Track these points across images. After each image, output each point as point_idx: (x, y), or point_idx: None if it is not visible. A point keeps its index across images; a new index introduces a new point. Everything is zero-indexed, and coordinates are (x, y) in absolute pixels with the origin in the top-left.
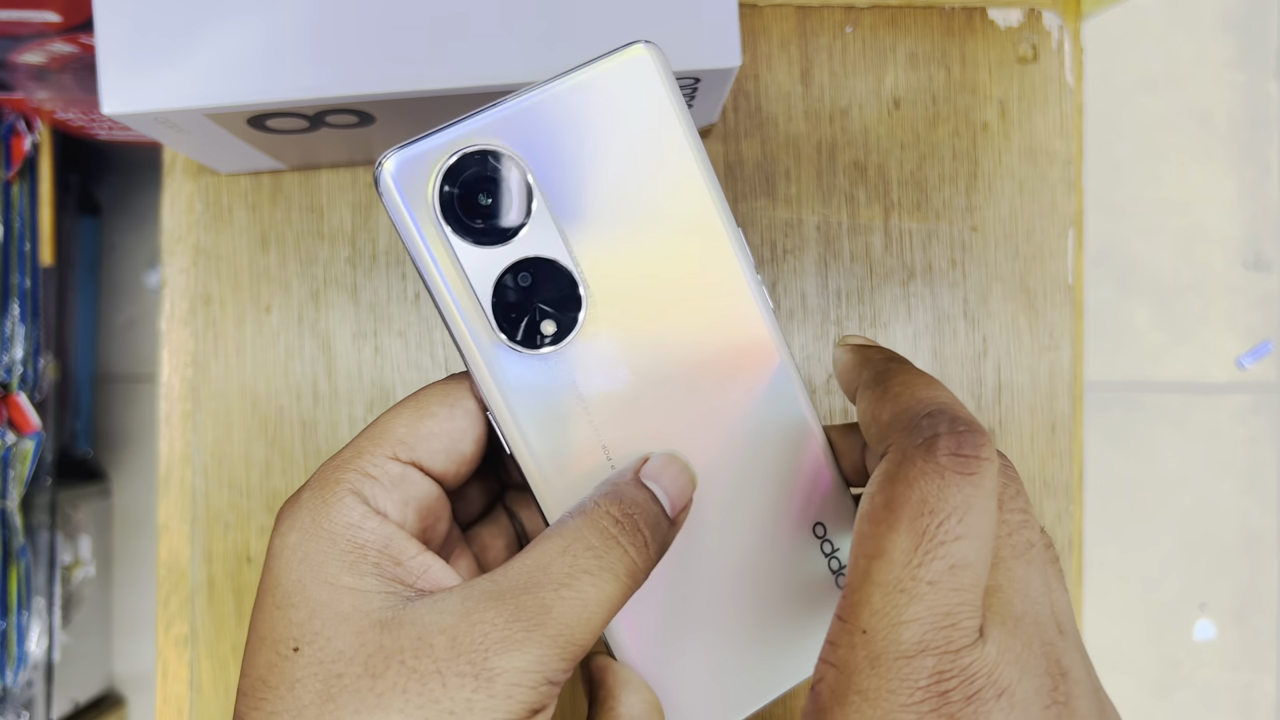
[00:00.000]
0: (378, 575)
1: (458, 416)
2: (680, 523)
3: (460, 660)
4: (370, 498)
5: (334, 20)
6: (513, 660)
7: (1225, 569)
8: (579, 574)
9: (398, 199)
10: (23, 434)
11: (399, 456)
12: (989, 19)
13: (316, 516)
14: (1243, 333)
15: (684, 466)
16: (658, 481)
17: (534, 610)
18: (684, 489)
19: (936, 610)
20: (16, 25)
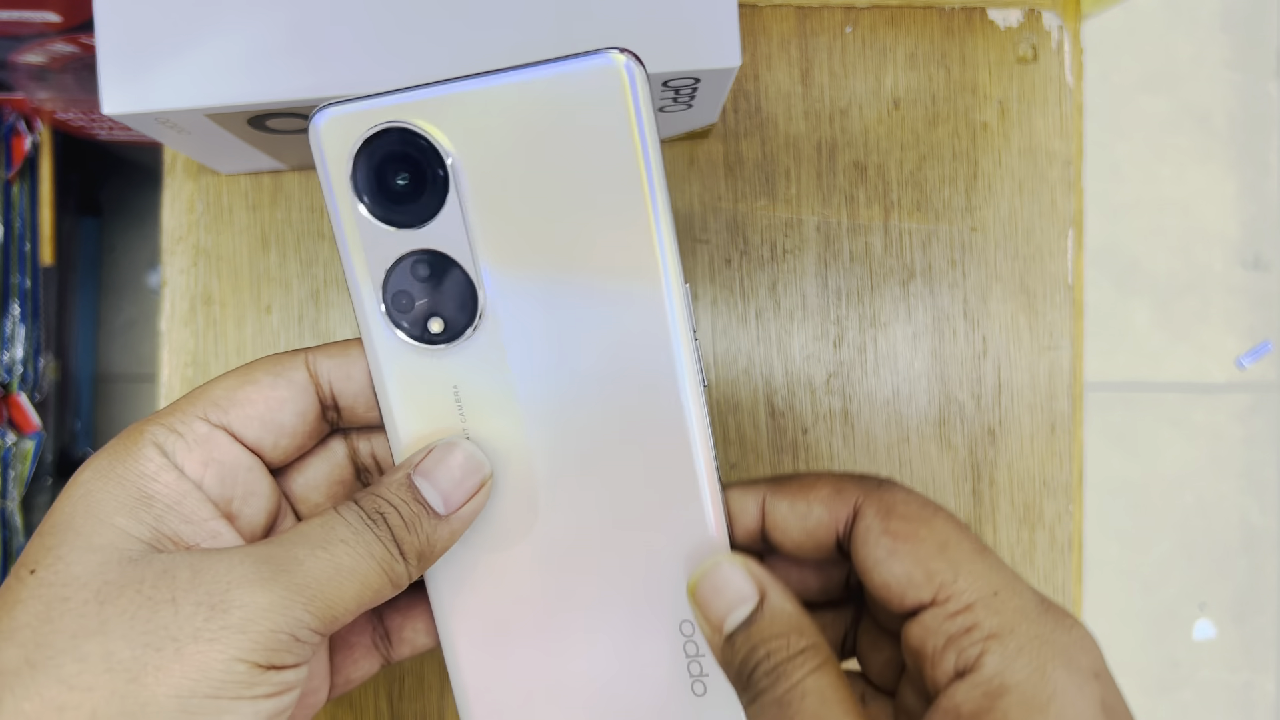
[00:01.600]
0: (155, 527)
1: (280, 386)
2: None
3: (199, 590)
4: (170, 452)
5: (334, 20)
6: (252, 596)
7: (1225, 569)
8: (334, 541)
9: (320, 154)
10: (23, 434)
11: (209, 418)
12: (989, 19)
13: (113, 462)
14: (1242, 333)
15: (465, 459)
16: (429, 477)
17: (284, 560)
18: (459, 483)
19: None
20: (16, 25)
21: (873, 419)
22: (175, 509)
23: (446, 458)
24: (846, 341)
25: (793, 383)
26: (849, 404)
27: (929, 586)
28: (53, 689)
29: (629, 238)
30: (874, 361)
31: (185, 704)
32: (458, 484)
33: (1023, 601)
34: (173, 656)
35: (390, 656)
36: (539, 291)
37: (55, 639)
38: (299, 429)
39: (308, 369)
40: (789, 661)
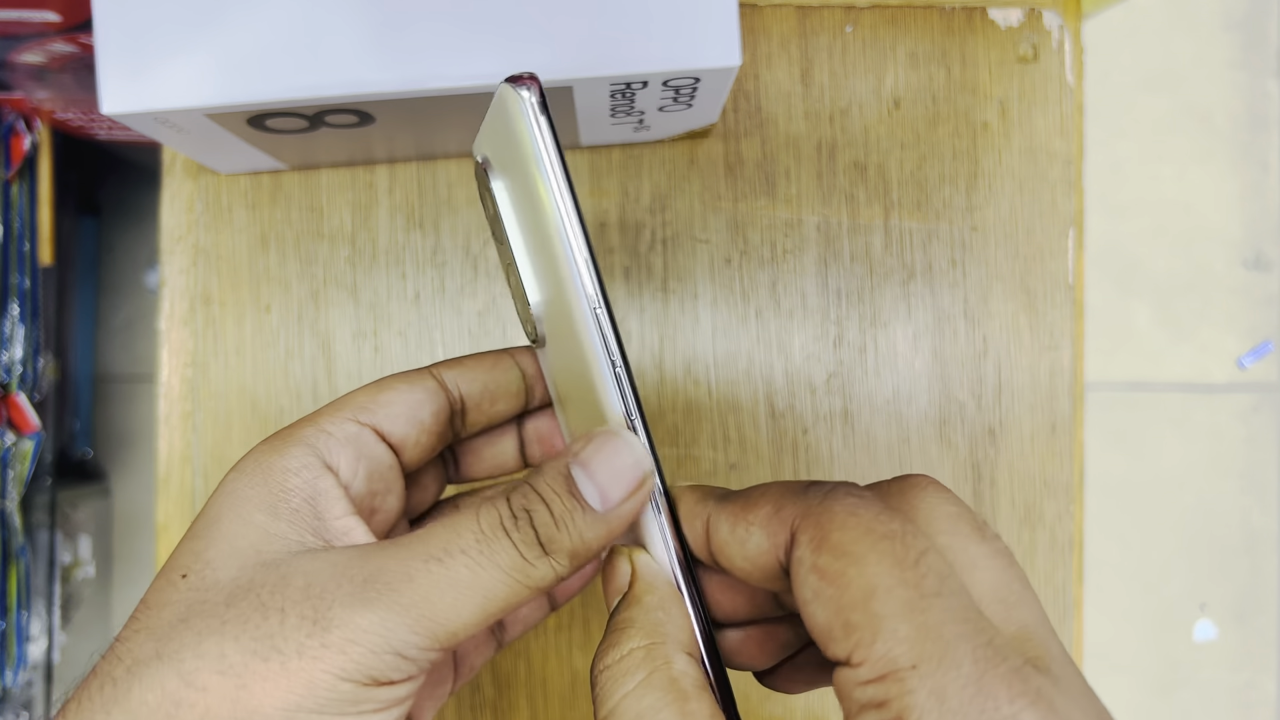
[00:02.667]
0: (293, 522)
1: (416, 390)
2: (622, 513)
3: (306, 604)
4: (324, 451)
5: (334, 20)
6: (353, 615)
7: (1225, 569)
8: (454, 553)
9: None
10: (22, 434)
11: (358, 419)
12: (989, 19)
13: (260, 461)
14: (1243, 332)
15: (623, 447)
16: (587, 468)
17: (395, 576)
18: (619, 476)
19: (963, 613)
20: (16, 25)
21: (873, 419)
22: (310, 503)
23: (605, 447)
24: (847, 341)
25: (793, 383)
26: (849, 404)
27: (845, 643)
28: (173, 683)
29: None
30: (874, 361)
31: (291, 717)
32: (617, 478)
33: (948, 679)
34: (279, 669)
35: (503, 640)
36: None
37: (185, 636)
38: (435, 428)
39: (436, 378)
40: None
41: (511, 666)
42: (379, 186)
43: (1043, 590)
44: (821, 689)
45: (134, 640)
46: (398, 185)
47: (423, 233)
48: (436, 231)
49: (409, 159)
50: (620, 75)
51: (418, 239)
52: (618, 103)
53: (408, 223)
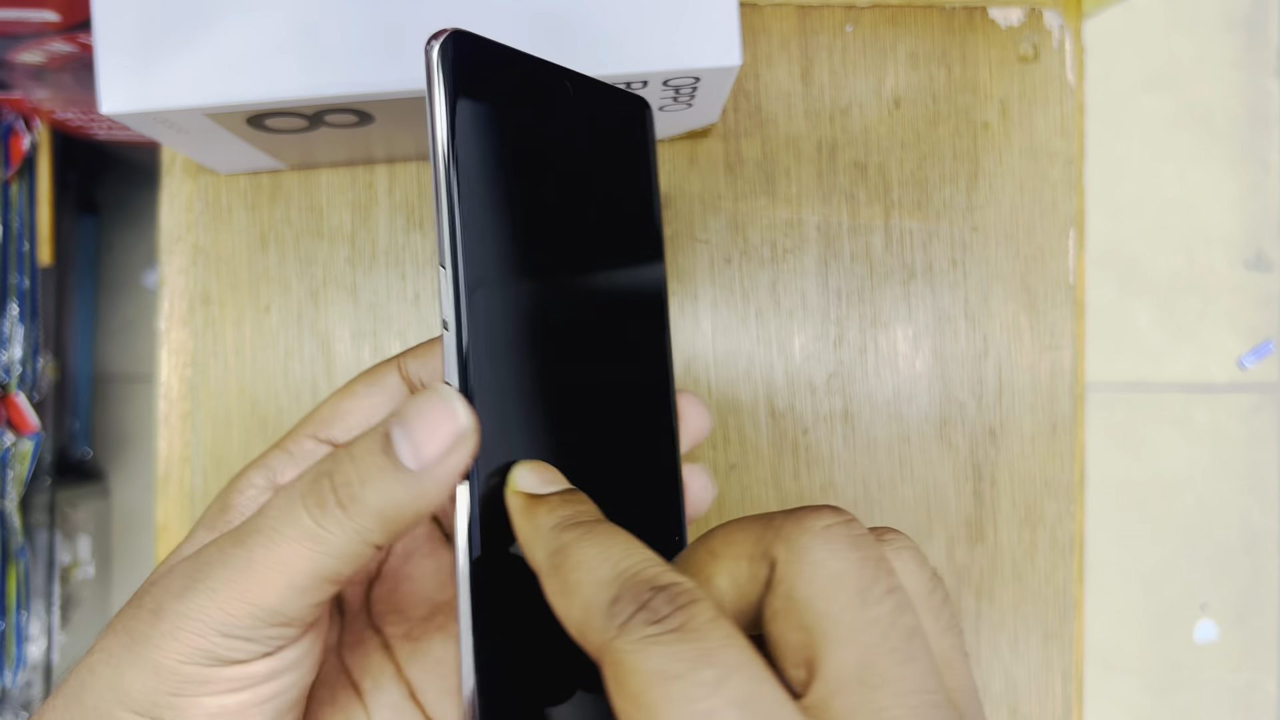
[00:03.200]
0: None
1: (375, 394)
2: (439, 475)
3: (155, 593)
4: (278, 471)
5: (333, 20)
6: (175, 603)
7: (1226, 569)
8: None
9: None
10: (21, 434)
11: (316, 435)
12: (990, 18)
13: (224, 497)
14: (1244, 332)
15: (440, 405)
16: (404, 425)
17: (209, 562)
18: (434, 434)
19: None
20: (15, 25)
21: (873, 419)
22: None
23: (424, 403)
24: (847, 341)
25: (793, 383)
26: (849, 404)
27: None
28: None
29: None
30: (874, 361)
31: (153, 698)
32: (430, 432)
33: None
34: (136, 657)
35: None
36: None
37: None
38: None
39: (399, 372)
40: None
41: None
42: (379, 186)
43: (1043, 590)
44: None
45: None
46: (398, 185)
47: (423, 233)
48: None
49: (409, 159)
50: (620, 75)
51: (418, 239)
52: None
53: (408, 223)
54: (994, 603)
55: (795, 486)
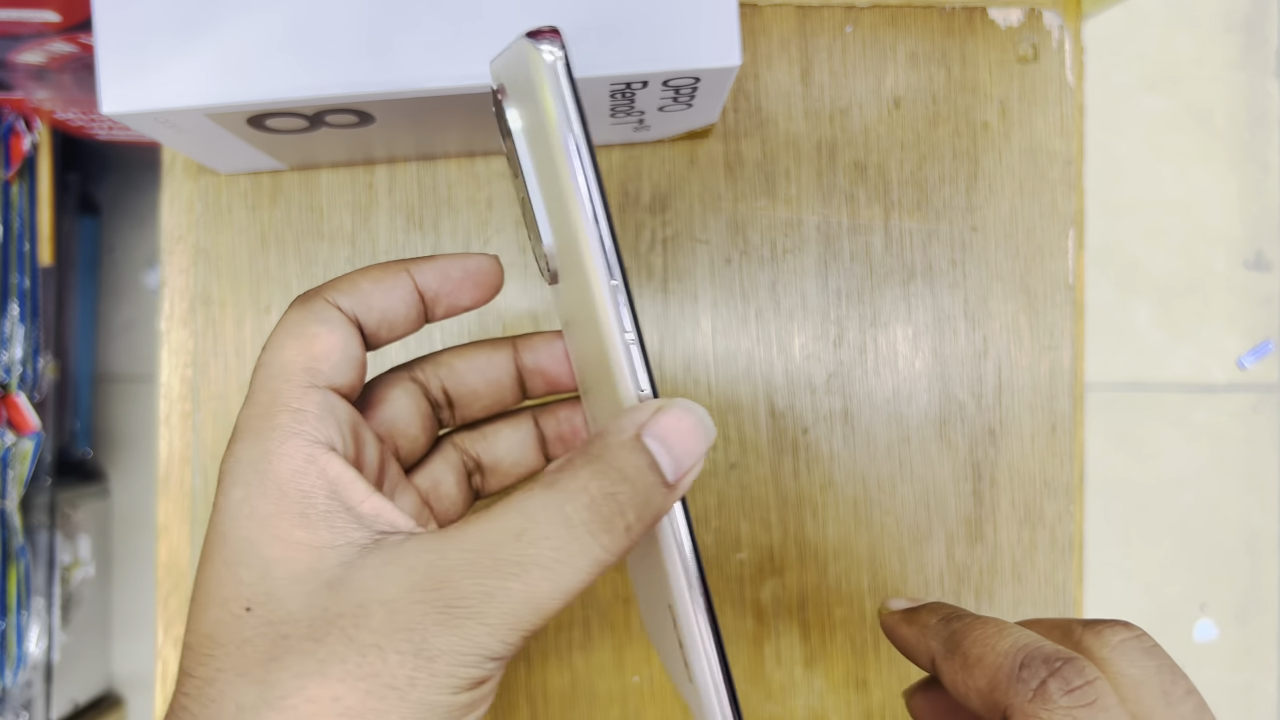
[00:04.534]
0: (329, 526)
1: (337, 329)
2: (685, 485)
3: (398, 637)
4: (312, 433)
5: (334, 20)
6: (450, 642)
7: (1226, 569)
8: (530, 566)
9: None
10: (22, 434)
11: (315, 383)
12: (989, 19)
13: (259, 466)
14: (1243, 332)
15: (697, 422)
16: (663, 442)
17: (476, 598)
18: (692, 450)
19: None
20: (16, 25)
21: (873, 419)
22: (336, 498)
23: (682, 421)
24: (847, 341)
25: (793, 382)
26: (849, 404)
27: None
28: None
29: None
30: (874, 361)
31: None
32: (689, 451)
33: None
34: (396, 703)
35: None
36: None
37: (284, 679)
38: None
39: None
40: None
41: (511, 668)
42: (379, 186)
43: (1043, 590)
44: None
45: (223, 682)
46: (398, 185)
47: (423, 233)
48: (436, 232)
49: (409, 159)
50: (620, 75)
51: (418, 239)
52: (617, 103)
53: (408, 223)
54: (993, 602)
55: (795, 486)
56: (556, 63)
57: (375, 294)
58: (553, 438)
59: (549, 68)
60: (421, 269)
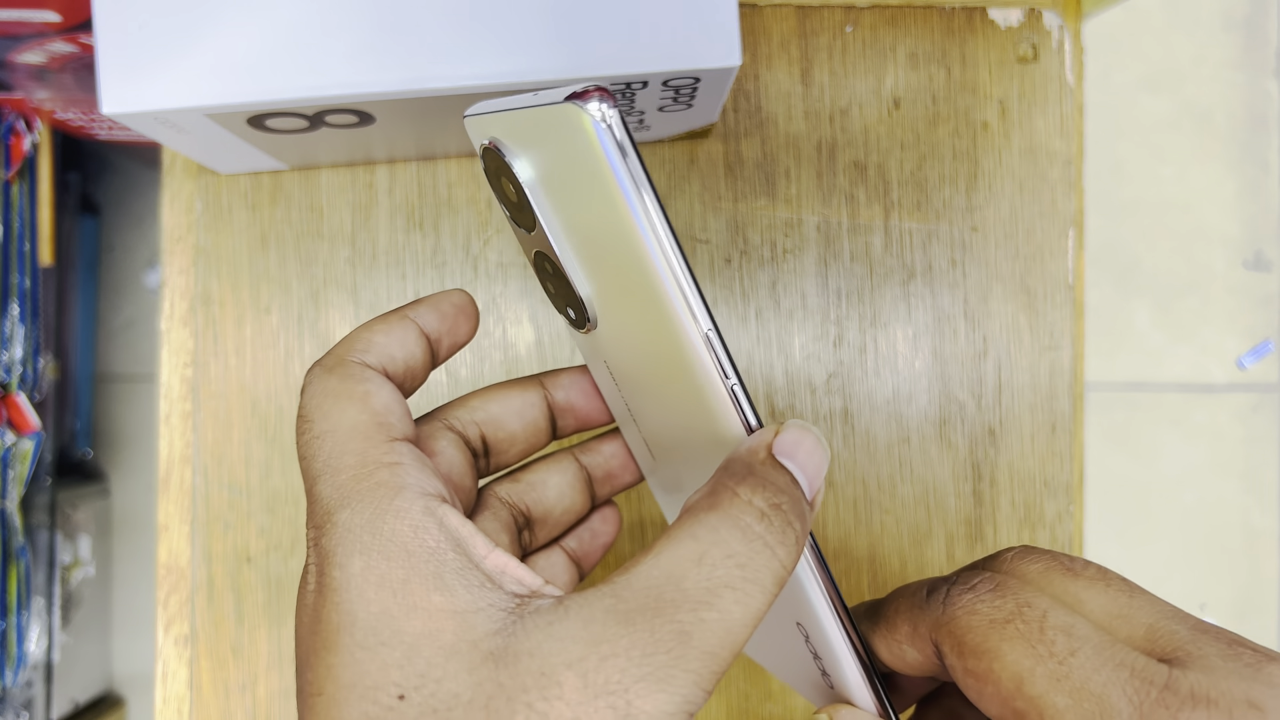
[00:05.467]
0: (465, 586)
1: (384, 384)
2: (817, 505)
3: (599, 703)
4: (419, 484)
5: (334, 20)
6: (657, 702)
7: (1225, 569)
8: (720, 589)
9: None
10: (22, 434)
11: (394, 436)
12: (989, 19)
13: (375, 528)
14: (1243, 332)
15: (817, 440)
16: (794, 459)
17: (672, 639)
18: (820, 466)
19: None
20: (16, 25)
21: (873, 419)
22: (461, 553)
23: (805, 437)
24: (847, 341)
25: (793, 382)
26: (849, 404)
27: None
28: None
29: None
30: (874, 361)
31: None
32: (818, 468)
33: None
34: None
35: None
36: (600, 296)
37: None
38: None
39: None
40: None
41: None
42: (379, 187)
43: None
44: None
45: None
46: (398, 185)
47: (422, 233)
48: (436, 232)
49: (409, 159)
50: (620, 75)
51: (418, 239)
52: (618, 103)
53: (408, 223)
54: None
55: None
56: (613, 126)
57: (392, 344)
58: (600, 476)
59: (606, 131)
60: (419, 312)
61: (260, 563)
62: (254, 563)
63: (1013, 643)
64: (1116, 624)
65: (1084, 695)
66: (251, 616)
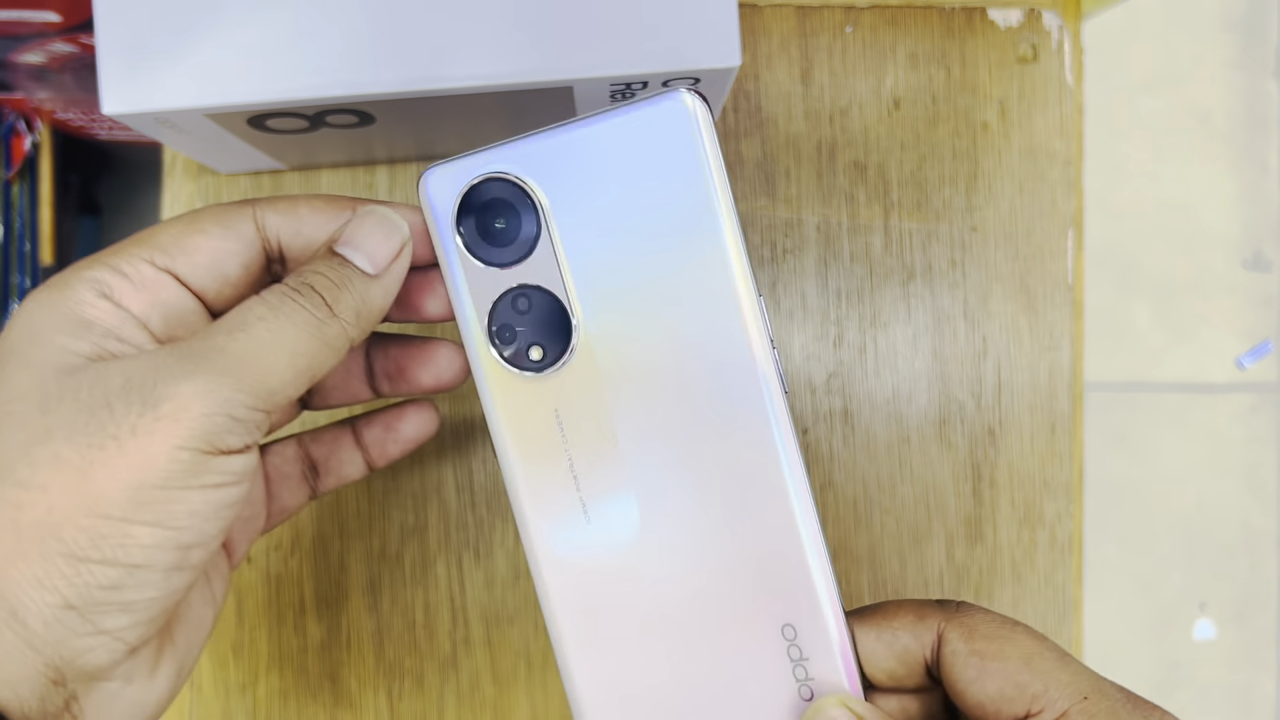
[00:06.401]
0: (97, 344)
1: (230, 238)
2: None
3: (130, 392)
4: (111, 291)
5: (334, 20)
6: (179, 386)
7: (1225, 569)
8: (253, 321)
9: (428, 205)
10: None
11: (154, 261)
12: (989, 19)
13: (52, 293)
14: (1242, 332)
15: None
16: (350, 243)
17: (206, 350)
18: (382, 242)
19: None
20: (16, 25)
21: (873, 419)
22: (114, 333)
23: (364, 222)
24: (846, 341)
25: (793, 382)
26: (849, 404)
27: (1022, 700)
28: (10, 491)
29: (706, 259)
30: (874, 361)
31: (135, 495)
32: (381, 244)
33: (1112, 703)
34: (116, 453)
35: (317, 488)
36: (628, 317)
37: (5, 450)
38: (243, 280)
39: (255, 223)
40: None
41: (512, 666)
42: (379, 187)
43: (1042, 590)
44: None
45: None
46: (398, 185)
47: None
48: None
49: (409, 159)
50: (620, 75)
51: None
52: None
53: None
54: (993, 602)
55: None
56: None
57: (309, 220)
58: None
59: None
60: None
61: (260, 562)
62: (254, 562)
63: (1023, 633)
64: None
65: (1085, 675)
66: (251, 616)
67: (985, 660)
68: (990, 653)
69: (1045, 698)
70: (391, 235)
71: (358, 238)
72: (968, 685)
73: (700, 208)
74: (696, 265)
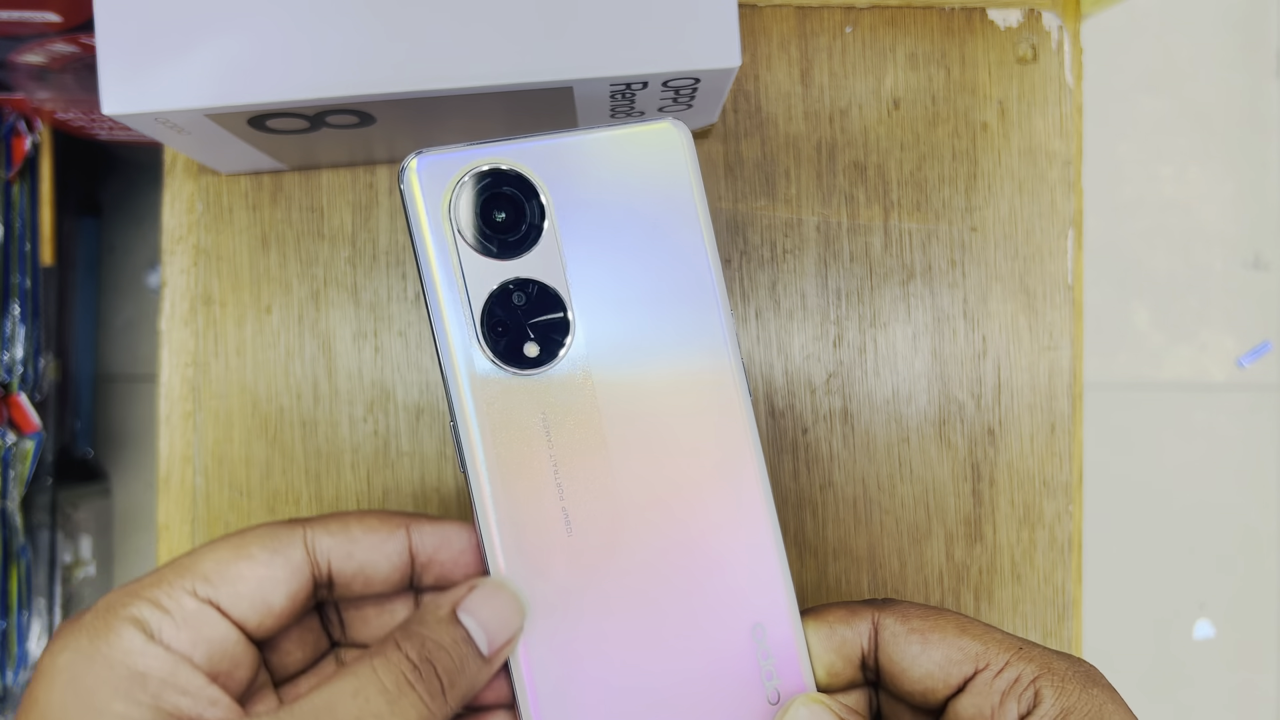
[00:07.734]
0: (155, 705)
1: (277, 565)
2: (501, 657)
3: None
4: (156, 630)
5: (334, 20)
6: None
7: (1224, 568)
8: (368, 718)
9: (415, 191)
10: (23, 434)
11: (197, 593)
12: (988, 19)
13: (94, 639)
14: (1242, 333)
15: (510, 598)
16: (476, 616)
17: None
18: (506, 623)
19: None
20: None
21: (873, 419)
22: (170, 683)
23: (493, 598)
24: (846, 341)
25: (793, 383)
26: (849, 404)
27: (968, 660)
28: None
29: (686, 263)
30: (874, 361)
31: None
32: (504, 624)
33: (1041, 650)
34: None
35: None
36: (615, 320)
37: None
38: (287, 610)
39: (305, 547)
40: None
41: None
42: (379, 187)
43: (1042, 590)
44: None
45: None
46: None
47: None
48: None
49: None
50: (620, 75)
51: None
52: (617, 103)
53: None
54: (993, 602)
55: (795, 486)
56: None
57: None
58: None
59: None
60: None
61: None
62: None
63: (950, 612)
64: None
65: (1010, 634)
66: None
67: (925, 634)
68: (927, 628)
69: (987, 655)
70: (514, 619)
71: (485, 612)
72: (912, 661)
73: (683, 223)
74: (675, 280)
